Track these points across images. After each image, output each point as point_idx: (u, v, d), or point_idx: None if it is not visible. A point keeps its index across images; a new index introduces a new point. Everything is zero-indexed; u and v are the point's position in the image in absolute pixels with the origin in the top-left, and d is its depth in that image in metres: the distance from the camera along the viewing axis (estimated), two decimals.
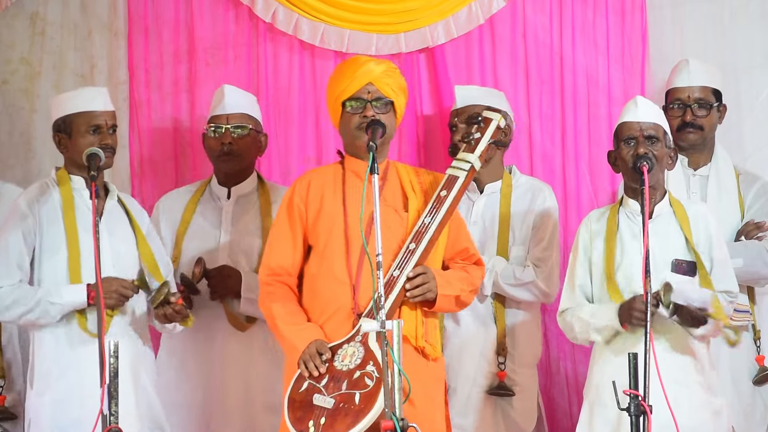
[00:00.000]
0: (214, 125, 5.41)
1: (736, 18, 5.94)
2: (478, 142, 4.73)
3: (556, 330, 5.74)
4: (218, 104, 5.44)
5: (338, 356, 4.46)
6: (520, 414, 5.38)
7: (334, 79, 4.73)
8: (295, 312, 4.62)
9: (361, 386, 4.36)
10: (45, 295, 4.83)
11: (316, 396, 4.40)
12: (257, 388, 5.29)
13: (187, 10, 5.92)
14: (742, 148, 5.84)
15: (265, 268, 4.69)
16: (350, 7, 5.89)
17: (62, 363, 4.87)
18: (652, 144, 4.82)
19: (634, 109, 4.90)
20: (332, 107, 4.71)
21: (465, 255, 4.79)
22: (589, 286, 4.92)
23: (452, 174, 4.68)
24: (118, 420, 4.16)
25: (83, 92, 5.06)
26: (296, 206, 4.68)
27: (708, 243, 4.87)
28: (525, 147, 5.91)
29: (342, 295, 4.56)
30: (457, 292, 4.66)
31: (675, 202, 4.93)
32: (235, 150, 5.38)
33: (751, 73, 5.91)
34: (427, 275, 4.56)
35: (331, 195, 4.67)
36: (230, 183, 5.46)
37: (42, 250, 4.91)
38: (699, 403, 4.77)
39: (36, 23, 5.92)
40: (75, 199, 4.96)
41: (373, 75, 4.64)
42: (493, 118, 4.77)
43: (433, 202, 4.62)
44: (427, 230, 4.58)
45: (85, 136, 4.92)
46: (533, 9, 5.96)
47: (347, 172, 4.70)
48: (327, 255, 4.61)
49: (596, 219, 4.98)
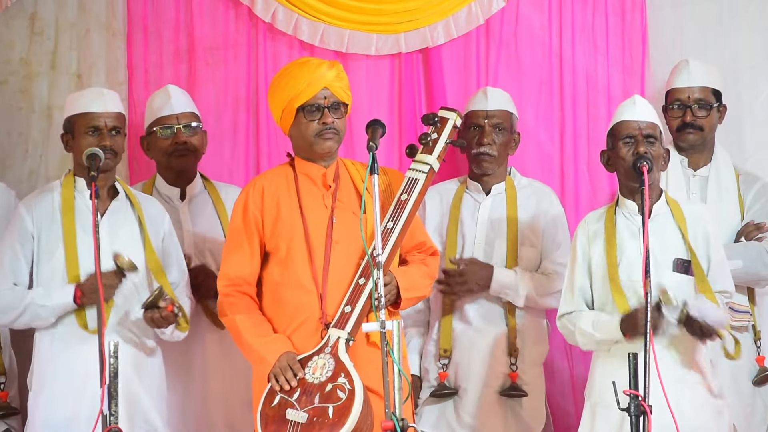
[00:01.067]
0: (163, 126, 5.41)
1: (736, 18, 5.93)
2: (436, 143, 4.66)
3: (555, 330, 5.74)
4: (164, 105, 5.44)
5: (308, 368, 4.43)
6: (529, 414, 5.38)
7: (283, 82, 4.65)
8: (261, 323, 4.60)
9: (333, 399, 4.34)
10: (35, 299, 4.85)
11: (289, 410, 4.37)
12: (236, 385, 5.28)
13: (187, 10, 5.91)
14: (742, 149, 5.83)
15: (223, 279, 4.65)
16: (350, 7, 5.89)
17: (56, 362, 4.88)
18: (650, 144, 4.82)
19: (632, 108, 4.89)
20: (282, 111, 4.64)
21: (422, 248, 4.78)
22: (589, 289, 4.91)
23: (412, 176, 4.62)
24: (118, 420, 4.17)
25: (86, 93, 5.08)
26: (251, 213, 4.63)
27: (705, 243, 4.87)
28: (524, 147, 5.90)
29: (309, 305, 4.54)
30: (421, 292, 4.70)
31: (672, 201, 4.93)
32: (189, 147, 5.40)
33: (751, 73, 5.91)
34: (390, 285, 4.54)
35: (286, 200, 4.64)
36: (181, 183, 5.46)
37: (40, 253, 4.93)
38: (701, 403, 4.77)
39: (35, 24, 5.92)
40: (76, 200, 4.96)
41: (327, 79, 4.61)
42: (449, 118, 4.70)
43: (394, 206, 4.58)
44: (390, 235, 4.53)
45: (85, 137, 4.94)
46: (533, 9, 5.96)
47: (299, 176, 4.67)
48: (290, 263, 4.58)
49: (594, 221, 4.97)
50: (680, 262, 4.83)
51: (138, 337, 4.96)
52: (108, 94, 5.04)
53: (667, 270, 4.80)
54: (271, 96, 4.71)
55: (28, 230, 4.93)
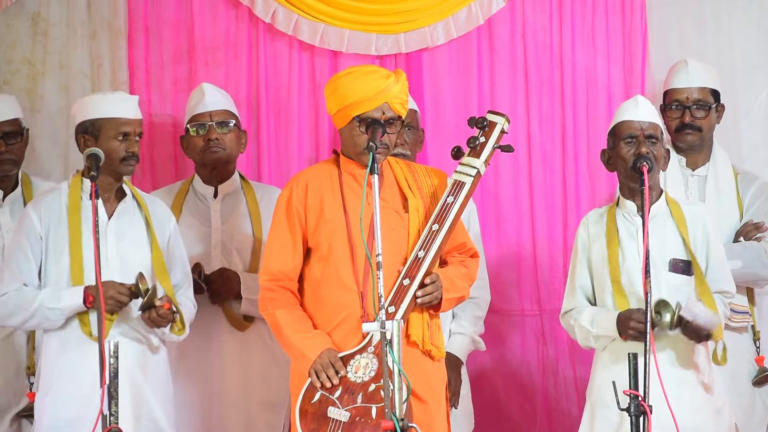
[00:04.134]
0: (197, 124, 5.41)
1: (735, 18, 5.94)
2: (484, 147, 4.65)
3: (555, 331, 5.76)
4: (199, 103, 5.44)
5: (351, 367, 4.42)
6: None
7: (347, 84, 4.60)
8: (302, 319, 4.57)
9: (376, 400, 4.32)
10: (43, 301, 4.85)
11: (331, 408, 4.36)
12: (255, 386, 5.30)
13: (187, 10, 5.91)
14: (740, 148, 5.84)
15: (265, 273, 4.63)
16: (350, 7, 5.89)
17: (63, 364, 4.88)
18: (652, 144, 4.82)
19: (634, 107, 4.89)
20: (338, 111, 4.61)
21: (462, 249, 4.77)
22: (590, 287, 4.92)
23: (458, 180, 4.62)
24: (118, 420, 4.17)
25: (115, 97, 5.06)
26: (295, 209, 4.62)
27: (705, 243, 4.86)
28: (525, 147, 5.91)
29: (350, 303, 4.52)
30: (461, 293, 4.67)
31: (671, 201, 4.93)
32: (221, 145, 5.39)
33: (750, 73, 5.91)
34: (437, 283, 4.53)
35: (330, 198, 4.62)
36: (215, 181, 5.46)
37: (48, 254, 4.93)
38: (700, 402, 4.77)
39: (38, 23, 5.92)
40: (83, 201, 4.96)
41: (390, 94, 4.57)
42: (498, 122, 4.68)
43: (440, 209, 4.57)
44: (435, 238, 4.53)
45: (113, 142, 4.92)
46: (533, 9, 5.96)
47: (343, 174, 4.66)
48: (332, 261, 4.56)
49: (594, 221, 4.96)
50: (677, 262, 4.83)
51: (143, 336, 4.95)
52: (133, 100, 5.05)
53: (664, 270, 4.81)
54: (330, 92, 4.64)
55: (37, 231, 4.93)
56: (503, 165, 5.90)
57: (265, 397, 5.26)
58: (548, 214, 5.93)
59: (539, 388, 5.75)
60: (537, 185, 5.94)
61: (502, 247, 5.91)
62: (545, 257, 5.89)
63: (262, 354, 5.31)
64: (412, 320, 4.52)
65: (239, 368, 5.32)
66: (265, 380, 5.27)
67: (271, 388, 5.23)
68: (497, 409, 5.86)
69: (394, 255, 4.51)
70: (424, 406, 4.47)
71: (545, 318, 5.79)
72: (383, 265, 4.21)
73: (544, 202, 5.93)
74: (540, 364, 5.74)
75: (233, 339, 5.33)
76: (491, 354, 5.82)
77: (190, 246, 5.30)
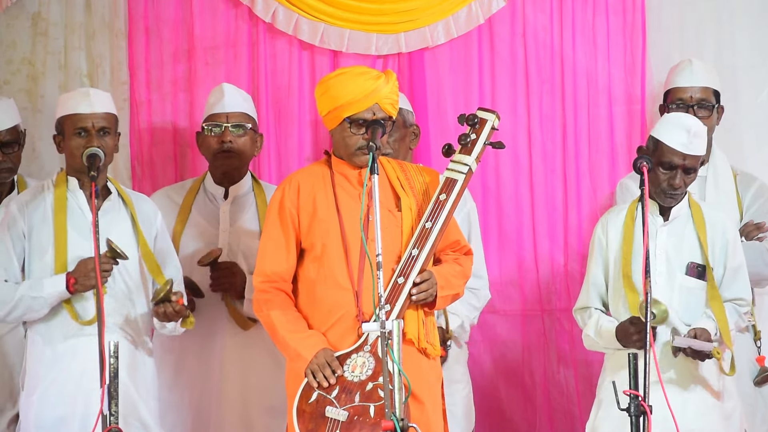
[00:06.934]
0: (212, 124, 5.40)
1: (735, 18, 5.94)
2: (475, 144, 4.66)
3: (556, 331, 5.76)
4: (217, 103, 5.42)
5: (347, 366, 4.43)
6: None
7: (338, 85, 4.61)
8: (297, 319, 4.58)
9: (374, 398, 4.33)
10: (26, 291, 4.84)
11: (329, 408, 4.37)
12: (256, 389, 5.28)
13: (187, 9, 5.92)
14: (740, 149, 5.84)
15: (259, 275, 4.64)
16: (350, 6, 5.89)
17: (48, 361, 4.87)
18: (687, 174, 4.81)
19: (685, 138, 4.81)
20: (329, 112, 4.61)
21: (456, 247, 4.76)
22: (604, 285, 4.93)
23: (450, 177, 4.63)
24: (118, 420, 4.17)
25: (73, 94, 5.06)
26: (287, 210, 4.62)
27: (723, 249, 4.88)
28: (525, 146, 5.91)
29: (345, 302, 4.52)
30: (455, 290, 4.67)
31: (694, 204, 4.93)
32: (234, 149, 5.36)
33: (750, 73, 5.91)
34: (431, 281, 4.54)
35: (323, 198, 4.62)
36: (227, 183, 5.44)
37: (31, 252, 4.92)
38: (708, 406, 4.78)
39: (38, 24, 5.92)
40: (68, 200, 4.95)
41: (381, 95, 4.57)
42: (488, 119, 4.69)
43: (432, 206, 4.58)
44: (429, 235, 4.54)
45: (73, 139, 4.93)
46: (533, 9, 5.96)
47: (335, 174, 4.66)
48: (326, 261, 4.57)
49: (613, 219, 4.97)
50: (694, 266, 4.84)
51: (133, 337, 4.95)
52: (95, 95, 5.01)
53: (680, 273, 4.81)
54: (321, 93, 4.64)
55: (20, 228, 4.92)
56: (504, 165, 5.90)
57: (266, 400, 5.25)
58: (549, 214, 5.92)
59: (540, 388, 5.75)
60: (538, 185, 5.94)
61: (502, 247, 5.91)
62: (546, 257, 5.89)
63: (264, 357, 5.29)
64: (408, 318, 4.52)
65: (240, 370, 5.31)
66: (267, 384, 5.25)
67: (273, 392, 5.20)
68: (498, 409, 5.86)
69: (389, 254, 4.50)
70: (420, 405, 4.47)
71: (546, 318, 5.79)
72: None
73: (545, 201, 5.93)
74: (540, 364, 5.74)
75: (236, 341, 5.31)
76: (492, 354, 5.82)
77: (197, 244, 5.31)
